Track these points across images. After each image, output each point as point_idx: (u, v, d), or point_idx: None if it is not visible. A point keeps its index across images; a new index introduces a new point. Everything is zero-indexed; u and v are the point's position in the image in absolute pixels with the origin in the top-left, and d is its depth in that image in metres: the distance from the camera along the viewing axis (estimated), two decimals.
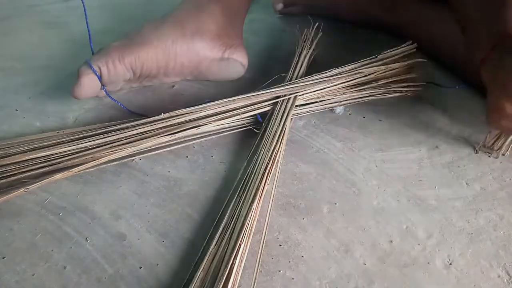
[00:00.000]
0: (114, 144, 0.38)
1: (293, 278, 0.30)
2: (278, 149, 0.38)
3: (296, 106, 0.44)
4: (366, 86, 0.48)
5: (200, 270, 0.28)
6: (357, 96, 0.48)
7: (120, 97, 0.48)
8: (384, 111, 0.48)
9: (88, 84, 0.42)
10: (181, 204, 0.35)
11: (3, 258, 0.30)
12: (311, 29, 0.55)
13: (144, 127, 0.40)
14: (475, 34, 0.41)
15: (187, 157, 0.40)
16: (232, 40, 0.51)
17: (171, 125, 0.41)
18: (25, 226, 0.32)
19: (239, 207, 0.32)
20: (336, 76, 0.47)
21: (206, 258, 0.29)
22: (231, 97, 0.43)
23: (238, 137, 0.42)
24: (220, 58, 0.50)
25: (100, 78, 0.43)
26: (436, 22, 0.60)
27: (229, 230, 0.30)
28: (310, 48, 0.53)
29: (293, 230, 0.33)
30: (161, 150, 0.40)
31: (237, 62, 0.51)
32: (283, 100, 0.44)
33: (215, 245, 0.30)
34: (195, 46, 0.47)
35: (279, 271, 0.30)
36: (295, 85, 0.45)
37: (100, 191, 0.36)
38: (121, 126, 0.40)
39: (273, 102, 0.43)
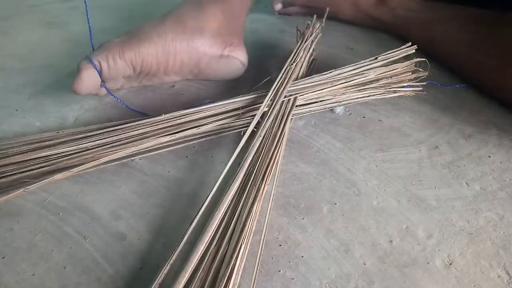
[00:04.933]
0: (114, 144, 0.38)
1: (293, 278, 0.30)
2: (278, 149, 0.38)
3: (296, 106, 0.44)
4: (366, 86, 0.48)
5: (200, 270, 0.28)
6: (357, 96, 0.48)
7: (120, 97, 0.48)
8: (384, 111, 0.48)
9: (88, 78, 0.42)
10: (181, 204, 0.35)
11: (3, 258, 0.30)
12: (311, 29, 0.55)
13: (144, 127, 0.40)
14: None
15: (187, 157, 0.40)
16: (232, 38, 0.51)
17: (171, 125, 0.41)
18: (25, 226, 0.32)
19: (239, 207, 0.32)
20: (336, 77, 0.47)
21: (206, 258, 0.29)
22: (231, 97, 0.43)
23: (238, 137, 0.42)
24: (219, 55, 0.50)
25: (100, 73, 0.43)
26: (436, 21, 0.61)
27: (229, 230, 0.30)
28: (310, 48, 0.53)
29: (293, 230, 0.33)
30: (161, 150, 0.40)
31: (236, 60, 0.51)
32: (283, 100, 0.44)
33: (215, 245, 0.30)
34: (195, 43, 0.48)
35: (279, 271, 0.30)
36: (295, 86, 0.45)
37: (100, 191, 0.36)
38: (121, 126, 0.40)
39: (273, 103, 0.43)
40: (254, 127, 0.40)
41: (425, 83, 0.50)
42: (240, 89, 0.50)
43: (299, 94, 0.45)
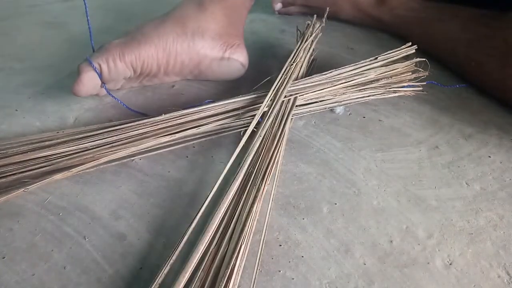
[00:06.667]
0: (114, 144, 0.38)
1: (293, 278, 0.29)
2: (278, 149, 0.38)
3: (296, 106, 0.44)
4: (366, 86, 0.48)
5: (200, 270, 0.28)
6: (357, 96, 0.48)
7: (120, 97, 0.48)
8: (384, 111, 0.48)
9: (88, 81, 0.42)
10: (181, 204, 0.35)
11: (3, 258, 0.30)
12: (311, 29, 0.55)
13: (144, 127, 0.40)
14: None
15: (187, 157, 0.40)
16: (233, 40, 0.51)
17: (171, 125, 0.40)
18: (25, 226, 0.32)
19: (239, 207, 0.32)
20: (336, 77, 0.47)
21: (206, 258, 0.29)
22: (231, 97, 0.43)
23: (238, 137, 0.42)
24: (220, 57, 0.50)
25: (100, 75, 0.43)
26: (436, 21, 0.61)
27: (229, 230, 0.30)
28: (310, 48, 0.53)
29: (293, 230, 0.33)
30: (161, 150, 0.40)
31: (237, 62, 0.51)
32: (283, 100, 0.44)
33: (215, 245, 0.30)
34: (196, 45, 0.47)
35: (279, 271, 0.30)
36: (295, 86, 0.45)
37: (100, 191, 0.36)
38: (121, 126, 0.40)
39: (273, 103, 0.43)
40: (254, 127, 0.40)
41: (425, 83, 0.50)
42: (240, 89, 0.50)
43: (299, 94, 0.45)
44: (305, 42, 0.52)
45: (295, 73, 0.48)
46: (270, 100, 0.43)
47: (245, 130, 0.39)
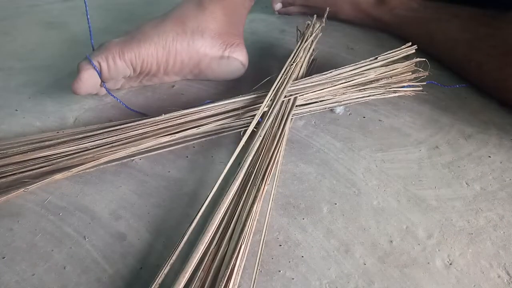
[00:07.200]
0: (114, 144, 0.38)
1: (293, 278, 0.29)
2: (278, 149, 0.38)
3: (296, 106, 0.44)
4: (366, 86, 0.48)
5: (200, 270, 0.28)
6: (357, 96, 0.48)
7: (120, 97, 0.48)
8: (384, 111, 0.48)
9: (88, 79, 0.42)
10: (181, 204, 0.35)
11: (3, 258, 0.30)
12: (311, 29, 0.55)
13: (144, 127, 0.40)
14: None
15: (187, 157, 0.40)
16: (232, 39, 0.51)
17: (171, 125, 0.41)
18: (25, 226, 0.32)
19: (239, 207, 0.32)
20: (336, 77, 0.47)
21: (206, 258, 0.29)
22: (231, 97, 0.43)
23: (238, 137, 0.42)
24: (220, 56, 0.50)
25: (100, 73, 0.43)
26: (436, 21, 0.61)
27: (229, 230, 0.30)
28: (310, 48, 0.53)
29: (293, 230, 0.33)
30: (161, 150, 0.40)
31: (237, 61, 0.51)
32: (283, 100, 0.44)
33: (215, 245, 0.30)
34: (195, 43, 0.48)
35: (279, 271, 0.30)
36: (295, 86, 0.45)
37: (100, 191, 0.36)
38: (121, 126, 0.40)
39: (273, 103, 0.43)
40: (254, 127, 0.40)
41: (425, 83, 0.50)
42: (240, 89, 0.50)
43: (299, 94, 0.45)
44: (305, 42, 0.52)
45: (295, 73, 0.48)
46: (270, 100, 0.43)
47: (245, 130, 0.39)
